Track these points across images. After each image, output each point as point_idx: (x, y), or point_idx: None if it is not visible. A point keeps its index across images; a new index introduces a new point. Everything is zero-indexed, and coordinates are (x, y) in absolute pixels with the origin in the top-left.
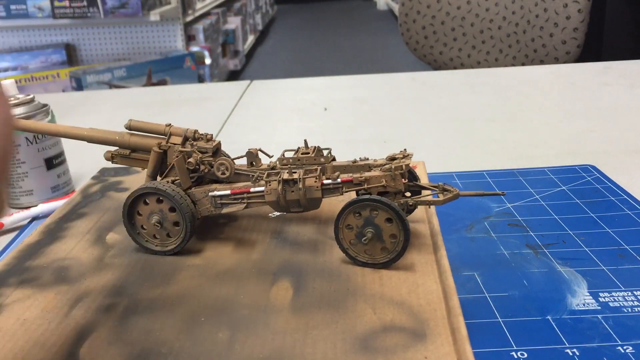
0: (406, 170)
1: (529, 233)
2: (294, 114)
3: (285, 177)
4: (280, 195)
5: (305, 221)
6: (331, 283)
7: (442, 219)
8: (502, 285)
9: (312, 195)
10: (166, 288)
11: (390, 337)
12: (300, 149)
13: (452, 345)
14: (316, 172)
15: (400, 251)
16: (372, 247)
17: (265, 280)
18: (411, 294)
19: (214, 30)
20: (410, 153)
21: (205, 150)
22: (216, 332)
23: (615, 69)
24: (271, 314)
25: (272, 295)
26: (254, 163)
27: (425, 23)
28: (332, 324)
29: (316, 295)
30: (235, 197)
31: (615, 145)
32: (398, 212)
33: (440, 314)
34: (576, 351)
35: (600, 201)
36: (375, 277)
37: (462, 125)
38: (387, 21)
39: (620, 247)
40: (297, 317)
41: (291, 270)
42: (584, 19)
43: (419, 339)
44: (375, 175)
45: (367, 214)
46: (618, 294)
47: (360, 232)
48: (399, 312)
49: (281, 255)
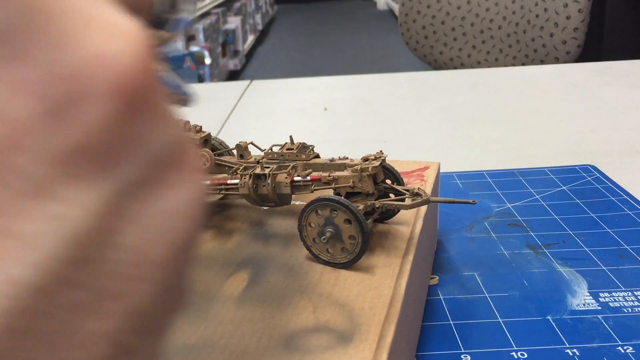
0: (373, 172)
1: (529, 233)
2: (294, 114)
3: (257, 172)
4: (250, 189)
5: (293, 215)
6: (287, 278)
7: (442, 219)
8: (502, 286)
9: (281, 190)
10: None
11: (317, 337)
12: (286, 144)
13: (372, 352)
14: (287, 168)
15: (359, 253)
16: (332, 247)
17: (227, 270)
18: (359, 297)
19: (214, 30)
20: (384, 155)
21: (193, 141)
22: None
23: (615, 68)
24: (216, 304)
25: (225, 285)
26: (243, 156)
27: (425, 23)
28: (268, 318)
29: (267, 289)
30: (214, 187)
31: (615, 145)
32: (356, 214)
33: (378, 319)
34: (576, 351)
35: (600, 201)
36: (331, 277)
37: (462, 125)
38: (387, 21)
39: (621, 247)
40: (238, 308)
41: (255, 262)
42: (584, 19)
43: (344, 342)
44: (344, 176)
45: (327, 214)
46: (618, 294)
47: (321, 230)
48: (337, 314)
49: (253, 247)
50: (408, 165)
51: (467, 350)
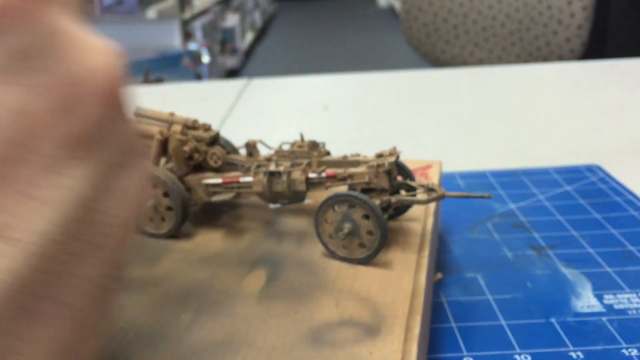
0: (389, 168)
1: (532, 234)
2: (294, 113)
3: (272, 169)
4: (265, 186)
5: (301, 213)
6: (304, 275)
7: (445, 220)
8: (505, 288)
9: (296, 187)
10: (148, 270)
11: (343, 331)
12: (296, 142)
13: (401, 344)
14: (302, 165)
15: (377, 248)
16: (350, 243)
17: (243, 268)
18: (380, 292)
19: (213, 27)
20: (398, 151)
21: (202, 139)
22: (180, 313)
23: (620, 66)
24: (237, 301)
25: (244, 283)
26: (252, 154)
27: (426, 20)
28: (292, 314)
29: (286, 285)
30: (226, 186)
31: (620, 145)
32: (374, 209)
33: (402, 312)
34: (580, 354)
35: (605, 202)
36: (350, 273)
37: (465, 124)
38: (388, 18)
39: (626, 248)
40: (261, 305)
41: (270, 260)
42: (588, 17)
43: (371, 335)
44: (360, 172)
45: (345, 210)
46: (623, 295)
47: (338, 227)
48: (361, 308)
49: (266, 245)
50: (410, 164)
51: (470, 353)
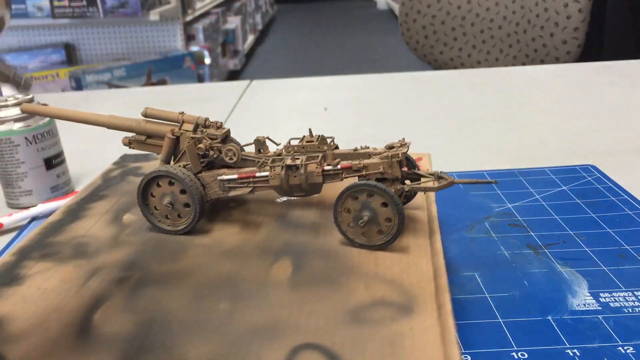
0: (402, 158)
1: (529, 233)
2: (294, 114)
3: (289, 163)
4: (283, 179)
5: (310, 206)
6: (328, 262)
7: (443, 219)
8: (502, 286)
9: (313, 180)
10: (175, 264)
11: (379, 310)
12: (305, 137)
13: (436, 319)
14: (318, 158)
15: (395, 234)
16: (368, 230)
17: (267, 259)
18: (403, 274)
19: (214, 29)
20: (408, 142)
21: (215, 137)
22: (218, 303)
23: (616, 68)
24: (270, 289)
25: (272, 272)
26: (261, 150)
27: (425, 22)
28: (326, 299)
29: (313, 273)
30: (242, 181)
31: (616, 145)
32: (393, 197)
33: (429, 291)
34: (577, 352)
35: (600, 201)
36: (370, 258)
37: (463, 125)
38: (387, 21)
39: (621, 247)
40: (294, 292)
41: (292, 250)
42: (585, 19)
43: (407, 312)
44: (374, 163)
45: (364, 199)
46: (619, 294)
47: (357, 215)
48: (390, 289)
49: (284, 237)
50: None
51: (468, 350)
